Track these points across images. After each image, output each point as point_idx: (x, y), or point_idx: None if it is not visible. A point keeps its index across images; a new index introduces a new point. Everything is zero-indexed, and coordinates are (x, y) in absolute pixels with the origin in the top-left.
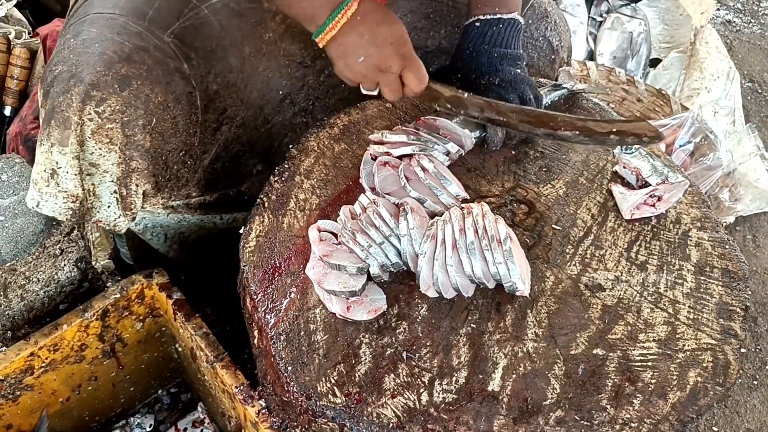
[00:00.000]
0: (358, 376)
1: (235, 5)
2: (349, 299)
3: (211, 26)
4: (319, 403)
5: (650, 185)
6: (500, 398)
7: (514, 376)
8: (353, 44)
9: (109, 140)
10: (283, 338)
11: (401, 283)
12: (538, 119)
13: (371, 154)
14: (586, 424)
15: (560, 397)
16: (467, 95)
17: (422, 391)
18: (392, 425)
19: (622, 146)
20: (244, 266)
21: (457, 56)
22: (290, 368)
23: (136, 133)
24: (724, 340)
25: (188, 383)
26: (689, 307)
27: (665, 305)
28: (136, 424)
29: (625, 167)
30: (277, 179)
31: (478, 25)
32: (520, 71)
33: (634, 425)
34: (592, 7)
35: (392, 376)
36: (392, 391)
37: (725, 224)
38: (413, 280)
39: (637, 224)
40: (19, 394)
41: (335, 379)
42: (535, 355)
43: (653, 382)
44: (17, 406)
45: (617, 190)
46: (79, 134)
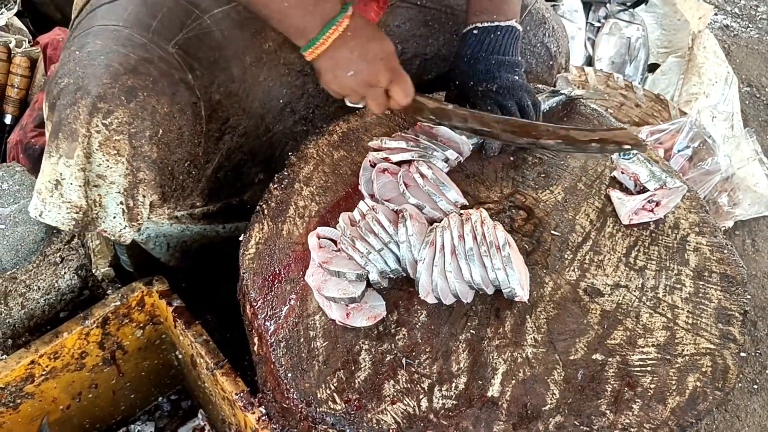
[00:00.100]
0: (357, 382)
1: (236, 15)
2: (348, 306)
3: (213, 37)
4: (318, 409)
5: (648, 190)
6: (500, 404)
7: (513, 381)
8: (344, 59)
9: (116, 152)
10: (282, 345)
11: (400, 289)
12: (521, 129)
13: (370, 161)
14: (585, 429)
15: (560, 402)
16: (451, 106)
17: (422, 397)
18: (392, 431)
19: (603, 153)
20: (243, 273)
21: (455, 63)
22: (290, 375)
23: (143, 144)
24: (722, 344)
25: (188, 390)
26: (688, 311)
27: (664, 310)
28: (136, 431)
29: (623, 172)
30: (276, 186)
31: (476, 32)
32: (518, 78)
33: (633, 430)
34: (590, 12)
35: (392, 382)
36: (392, 397)
37: (724, 229)
38: (412, 286)
39: (635, 229)
40: (19, 402)
41: (335, 385)
42: (534, 360)
43: (652, 387)
44: (18, 414)
45: (615, 195)
46: (86, 146)
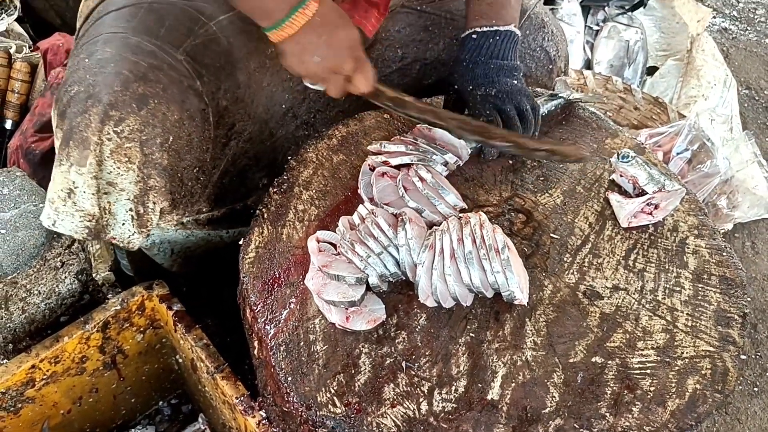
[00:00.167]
0: (357, 385)
1: (240, 22)
2: (348, 309)
3: (219, 43)
4: (319, 413)
5: (647, 193)
6: (499, 407)
7: (513, 384)
8: (311, 45)
9: (127, 159)
10: (282, 349)
11: (400, 293)
12: (474, 129)
13: (369, 164)
14: None
15: (559, 405)
16: (410, 98)
17: (422, 400)
18: None
19: (548, 161)
20: (243, 277)
21: (454, 68)
22: (290, 379)
23: (154, 151)
24: (722, 347)
25: (189, 394)
26: (687, 314)
27: (663, 313)
28: None
29: (621, 176)
30: (276, 190)
31: (474, 37)
32: (516, 82)
33: None
34: (588, 16)
35: (392, 385)
36: (392, 400)
37: (724, 231)
38: (412, 290)
39: (634, 232)
40: (20, 406)
41: (335, 389)
42: (534, 363)
43: (652, 389)
44: (18, 418)
45: (614, 198)
46: (98, 154)
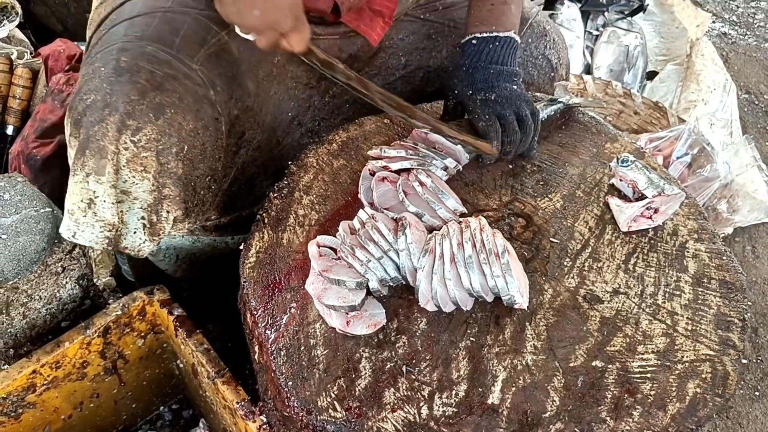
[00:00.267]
0: (358, 390)
1: None
2: (348, 314)
3: (230, 52)
4: (319, 417)
5: (647, 198)
6: (500, 411)
7: (513, 388)
8: None
9: (143, 168)
10: (283, 353)
11: (400, 297)
12: (398, 106)
13: (369, 169)
14: None
15: (560, 409)
16: (341, 64)
17: (422, 404)
18: None
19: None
20: (244, 282)
21: (454, 73)
22: (291, 383)
23: (169, 160)
24: (722, 351)
25: (190, 399)
26: (687, 318)
27: (663, 317)
28: None
29: (621, 180)
30: (276, 195)
31: (474, 42)
32: (516, 87)
33: None
34: (588, 21)
35: (392, 390)
36: (392, 405)
37: (724, 235)
38: (412, 294)
39: (634, 236)
40: (21, 411)
41: (335, 393)
42: (534, 367)
43: (652, 393)
44: (19, 423)
45: (614, 202)
46: (115, 163)
